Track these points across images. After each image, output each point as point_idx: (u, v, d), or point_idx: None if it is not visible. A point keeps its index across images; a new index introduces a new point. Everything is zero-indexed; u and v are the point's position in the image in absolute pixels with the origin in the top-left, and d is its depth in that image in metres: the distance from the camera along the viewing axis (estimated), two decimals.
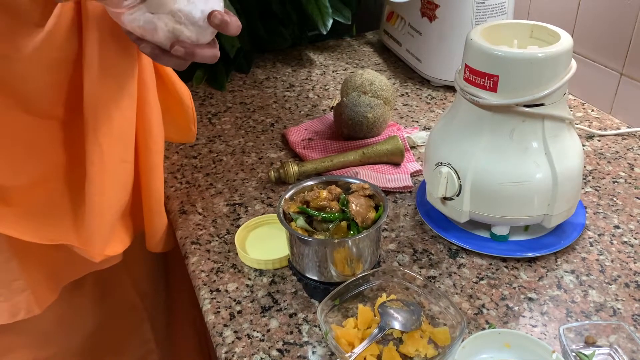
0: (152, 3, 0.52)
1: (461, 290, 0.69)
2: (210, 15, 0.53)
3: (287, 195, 0.68)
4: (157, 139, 0.75)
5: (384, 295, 0.66)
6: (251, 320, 0.66)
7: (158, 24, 0.53)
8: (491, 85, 0.67)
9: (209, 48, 0.55)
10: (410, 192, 0.87)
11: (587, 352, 0.60)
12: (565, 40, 0.67)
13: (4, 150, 0.63)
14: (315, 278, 0.66)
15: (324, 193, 0.68)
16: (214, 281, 0.72)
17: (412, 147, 0.98)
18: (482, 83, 0.67)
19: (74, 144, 0.67)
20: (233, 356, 0.62)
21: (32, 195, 0.67)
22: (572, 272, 0.71)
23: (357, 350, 0.57)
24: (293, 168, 0.87)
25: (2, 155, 0.62)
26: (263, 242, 0.77)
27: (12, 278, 0.70)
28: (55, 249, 0.71)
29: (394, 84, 1.20)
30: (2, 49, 0.55)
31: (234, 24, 0.54)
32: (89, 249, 0.72)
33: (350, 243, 0.64)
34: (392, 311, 0.62)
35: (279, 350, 0.62)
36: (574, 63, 0.68)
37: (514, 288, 0.69)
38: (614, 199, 0.83)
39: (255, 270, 0.73)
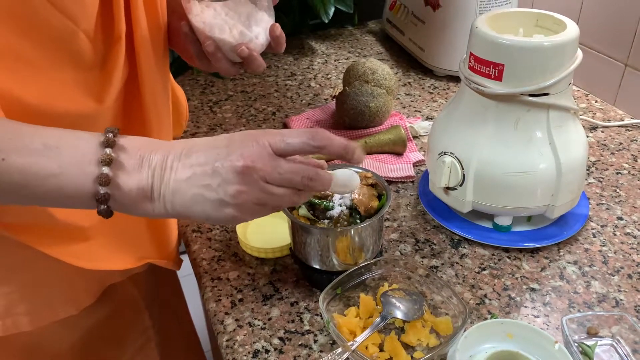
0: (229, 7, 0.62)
1: (463, 280, 0.69)
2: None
3: None
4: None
5: (386, 284, 0.65)
6: (252, 309, 0.66)
7: (229, 23, 0.61)
8: (496, 74, 0.66)
9: (260, 59, 0.63)
10: (412, 182, 0.86)
11: (590, 342, 0.60)
12: (572, 30, 0.66)
13: None
14: (317, 267, 0.66)
15: None
16: (215, 269, 0.72)
17: (415, 137, 0.97)
18: (487, 72, 0.67)
19: None
20: (234, 344, 0.62)
21: (106, 227, 0.64)
22: (575, 263, 0.71)
23: (359, 339, 0.57)
24: None
25: None
26: (264, 231, 0.76)
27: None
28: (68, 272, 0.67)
29: (396, 74, 1.19)
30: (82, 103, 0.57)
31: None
32: (172, 262, 0.74)
33: (352, 232, 0.64)
34: (394, 300, 0.62)
35: (280, 338, 0.62)
36: (579, 52, 0.67)
37: (517, 278, 0.69)
38: (617, 190, 0.83)
39: (257, 258, 0.73)
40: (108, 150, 0.47)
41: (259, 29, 0.63)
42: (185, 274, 2.10)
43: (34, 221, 0.58)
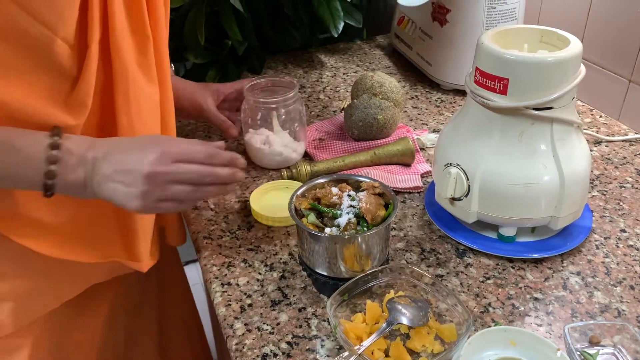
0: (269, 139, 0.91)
1: (468, 289, 0.70)
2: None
3: (299, 192, 0.70)
4: None
5: (392, 291, 0.67)
6: (261, 314, 0.67)
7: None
8: (501, 88, 0.68)
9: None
10: (419, 192, 0.88)
11: (592, 351, 0.61)
12: (575, 45, 0.68)
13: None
14: (325, 273, 0.68)
15: (335, 190, 0.69)
16: (225, 275, 0.73)
17: (422, 149, 0.99)
18: (492, 86, 0.69)
19: None
20: (243, 347, 0.63)
21: (78, 223, 0.71)
22: (578, 273, 0.72)
23: (366, 343, 0.59)
24: (305, 167, 0.89)
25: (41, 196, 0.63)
26: (275, 203, 0.82)
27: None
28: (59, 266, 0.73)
29: (404, 87, 1.21)
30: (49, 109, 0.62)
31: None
32: (137, 263, 0.76)
33: (360, 239, 0.65)
34: (400, 307, 0.63)
35: (288, 343, 0.64)
36: (582, 68, 0.69)
37: (520, 288, 0.70)
38: (621, 203, 0.84)
39: (266, 265, 0.75)
40: (55, 152, 0.59)
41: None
42: (193, 283, 2.12)
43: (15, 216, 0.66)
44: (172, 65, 1.16)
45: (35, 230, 0.68)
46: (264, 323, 0.66)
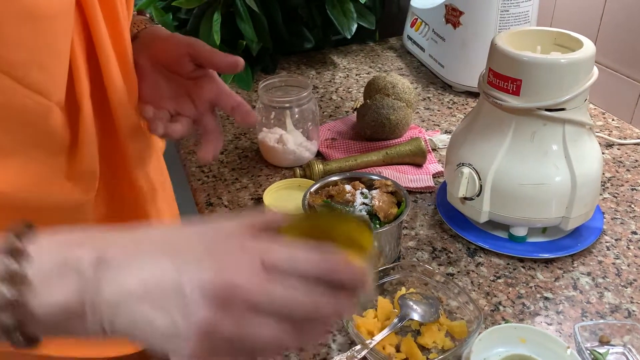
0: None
1: (478, 288, 0.71)
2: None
3: (313, 189, 0.71)
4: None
5: (403, 289, 0.68)
6: None
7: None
8: (514, 89, 0.69)
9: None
10: (430, 192, 0.89)
11: (601, 350, 0.62)
12: (588, 48, 0.69)
13: None
14: None
15: (348, 188, 0.70)
16: None
17: (433, 150, 1.00)
18: (505, 87, 0.69)
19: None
20: None
21: None
22: (588, 274, 0.72)
23: (377, 337, 0.59)
24: (318, 166, 0.90)
25: None
26: (287, 202, 0.83)
27: None
28: None
29: (416, 89, 1.22)
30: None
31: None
32: None
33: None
34: (411, 303, 0.64)
35: None
36: (595, 70, 0.70)
37: (531, 287, 0.71)
38: (632, 205, 0.85)
39: None
40: (10, 263, 0.33)
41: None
42: None
43: None
44: None
45: None
46: None
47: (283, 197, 0.85)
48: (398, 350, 0.62)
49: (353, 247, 0.38)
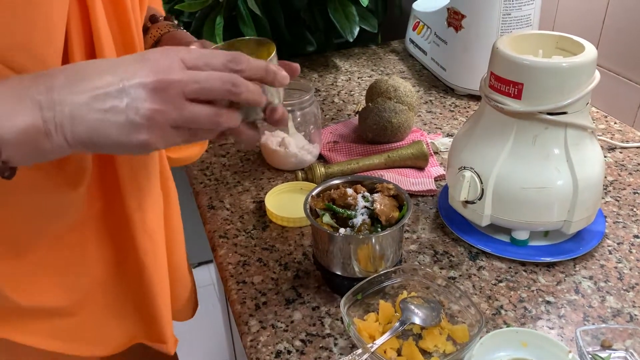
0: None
1: (480, 292, 0.71)
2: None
3: (314, 192, 0.71)
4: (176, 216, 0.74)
5: (405, 292, 0.68)
6: (276, 312, 0.68)
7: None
8: (516, 93, 0.69)
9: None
10: (432, 196, 0.89)
11: (603, 355, 0.61)
12: (590, 51, 0.69)
13: (47, 271, 0.58)
14: (339, 273, 0.69)
15: (350, 191, 0.70)
16: (241, 273, 0.75)
17: (435, 153, 1.00)
18: (507, 90, 0.69)
19: (114, 243, 0.64)
20: (258, 344, 0.64)
21: (88, 306, 0.62)
22: (590, 278, 0.72)
23: (379, 341, 0.59)
24: (320, 169, 0.90)
25: (45, 277, 0.57)
26: (289, 203, 0.84)
27: None
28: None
29: (418, 92, 1.22)
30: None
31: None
32: (162, 344, 0.69)
33: (373, 240, 0.66)
34: (412, 307, 0.64)
35: (302, 340, 0.65)
36: (597, 74, 0.70)
37: (532, 291, 0.71)
38: (634, 209, 0.85)
39: (280, 264, 0.76)
40: None
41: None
42: (205, 285, 2.13)
43: None
44: None
45: (32, 318, 0.56)
46: (278, 321, 0.67)
47: (285, 200, 0.86)
48: (399, 354, 0.62)
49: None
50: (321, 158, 0.99)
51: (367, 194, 0.71)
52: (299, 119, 0.94)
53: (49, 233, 0.57)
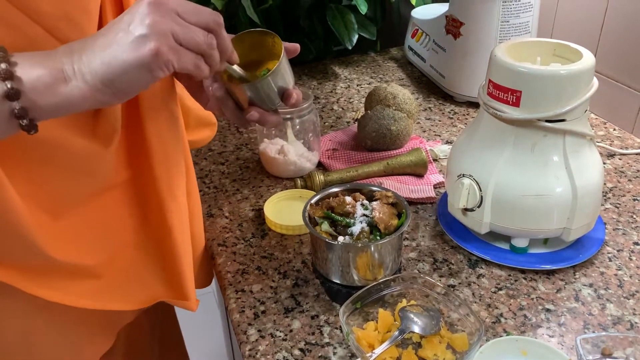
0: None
1: (480, 299, 0.70)
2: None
3: (313, 200, 0.71)
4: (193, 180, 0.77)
5: (404, 300, 0.68)
6: (274, 320, 0.68)
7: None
8: (514, 100, 0.69)
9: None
10: (431, 203, 0.89)
11: None
12: (587, 59, 0.69)
13: (81, 231, 0.61)
14: (338, 281, 0.68)
15: (348, 199, 0.70)
16: (239, 282, 0.74)
17: (434, 160, 1.00)
18: (505, 98, 0.70)
19: (143, 206, 0.67)
20: (257, 354, 0.64)
21: (116, 265, 0.66)
22: (591, 285, 0.72)
23: (378, 350, 0.59)
24: (319, 177, 0.90)
25: (80, 236, 0.60)
26: (288, 212, 0.84)
27: None
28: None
29: (417, 99, 1.22)
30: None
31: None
32: (185, 301, 0.72)
33: (372, 248, 0.66)
34: (412, 315, 0.64)
35: (300, 349, 0.64)
36: (595, 81, 0.70)
37: (532, 299, 0.70)
38: (634, 216, 0.84)
39: (279, 272, 0.76)
40: (8, 84, 0.45)
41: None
42: (205, 292, 2.11)
43: (27, 262, 0.57)
44: None
45: (65, 279, 0.60)
46: (277, 330, 0.67)
47: (284, 208, 0.85)
48: None
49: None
50: (320, 165, 0.99)
51: (366, 202, 0.71)
52: (298, 127, 0.94)
53: (84, 193, 0.61)
